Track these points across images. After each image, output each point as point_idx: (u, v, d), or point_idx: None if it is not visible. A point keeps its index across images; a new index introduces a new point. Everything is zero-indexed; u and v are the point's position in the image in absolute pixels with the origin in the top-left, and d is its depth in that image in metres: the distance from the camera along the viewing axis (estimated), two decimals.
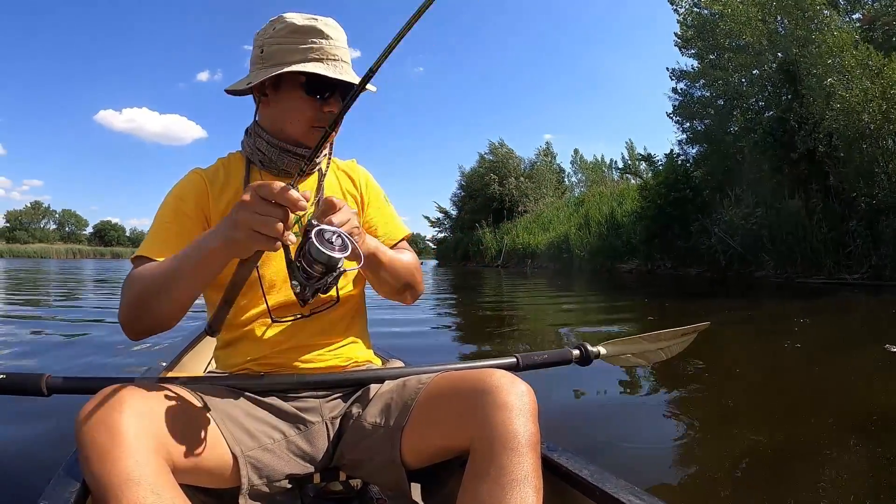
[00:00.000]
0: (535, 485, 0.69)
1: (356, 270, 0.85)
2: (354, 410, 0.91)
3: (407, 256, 1.01)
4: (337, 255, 0.70)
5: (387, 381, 0.93)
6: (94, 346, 3.56)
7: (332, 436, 0.91)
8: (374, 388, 0.92)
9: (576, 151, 33.26)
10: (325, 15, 0.93)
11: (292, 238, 0.68)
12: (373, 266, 0.90)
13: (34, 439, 1.71)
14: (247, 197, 0.66)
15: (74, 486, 0.70)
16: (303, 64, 0.87)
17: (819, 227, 10.29)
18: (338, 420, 0.92)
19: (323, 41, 0.89)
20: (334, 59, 0.89)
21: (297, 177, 0.68)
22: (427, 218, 39.57)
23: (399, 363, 1.07)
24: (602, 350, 1.25)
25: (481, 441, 0.72)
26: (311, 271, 0.70)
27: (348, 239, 0.71)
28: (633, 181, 22.87)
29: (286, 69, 0.87)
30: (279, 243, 0.67)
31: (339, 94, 0.91)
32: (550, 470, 0.83)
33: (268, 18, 0.93)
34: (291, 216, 0.67)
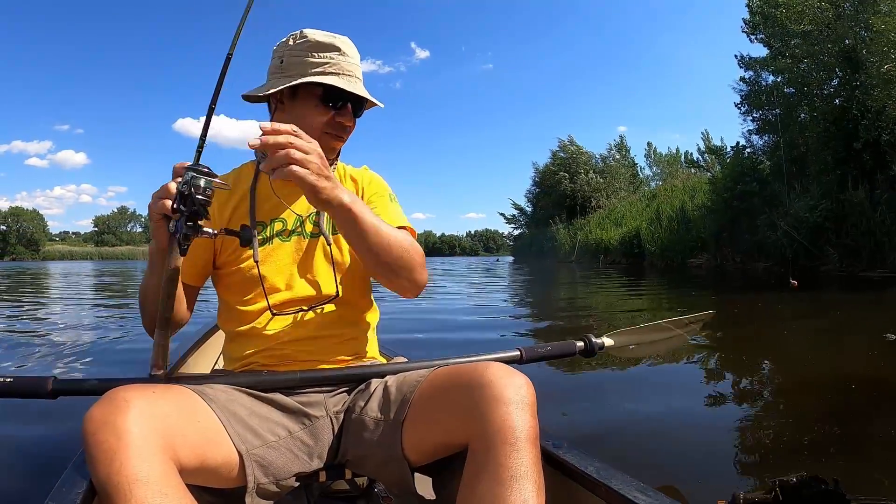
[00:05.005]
0: (535, 480, 0.67)
1: (225, 188, 0.82)
2: (357, 405, 0.91)
3: (403, 234, 0.93)
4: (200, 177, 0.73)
5: (388, 376, 0.94)
6: (100, 348, 3.59)
7: (336, 430, 0.91)
8: (375, 382, 0.93)
9: (649, 144, 32.62)
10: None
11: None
12: (348, 220, 0.81)
13: (41, 441, 1.72)
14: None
15: (81, 486, 0.70)
16: (321, 76, 0.93)
17: (883, 218, 9.89)
18: (341, 414, 0.93)
19: (340, 57, 0.95)
20: (349, 75, 0.96)
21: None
22: (502, 215, 40.36)
23: (402, 359, 1.09)
24: (607, 341, 1.22)
25: (479, 436, 0.72)
26: (190, 197, 0.73)
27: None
28: (708, 173, 22.10)
29: (306, 79, 0.93)
30: (163, 207, 0.73)
31: (350, 108, 0.97)
32: (555, 466, 0.82)
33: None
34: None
